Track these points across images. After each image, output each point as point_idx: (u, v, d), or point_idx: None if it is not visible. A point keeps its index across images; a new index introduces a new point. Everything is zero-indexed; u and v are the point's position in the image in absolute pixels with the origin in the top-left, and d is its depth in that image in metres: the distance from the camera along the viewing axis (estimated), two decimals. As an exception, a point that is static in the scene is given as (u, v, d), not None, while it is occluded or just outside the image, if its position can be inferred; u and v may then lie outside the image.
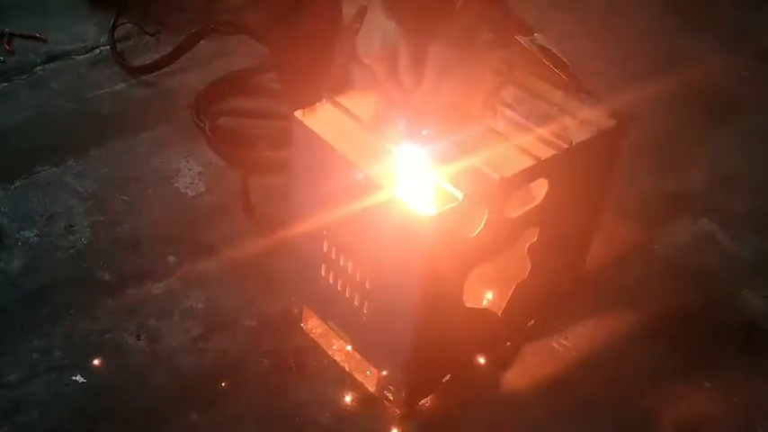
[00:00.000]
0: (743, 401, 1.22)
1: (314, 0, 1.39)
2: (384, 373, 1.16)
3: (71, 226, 1.41)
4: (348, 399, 1.18)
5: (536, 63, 1.23)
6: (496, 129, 1.17)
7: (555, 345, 1.28)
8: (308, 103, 1.12)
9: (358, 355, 1.20)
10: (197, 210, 1.47)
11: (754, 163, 1.70)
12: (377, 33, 1.05)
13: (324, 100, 1.13)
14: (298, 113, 1.11)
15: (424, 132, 1.10)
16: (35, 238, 1.38)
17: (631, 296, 1.36)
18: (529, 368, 1.24)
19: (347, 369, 1.21)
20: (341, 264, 1.14)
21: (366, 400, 1.18)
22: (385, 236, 1.05)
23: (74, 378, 1.18)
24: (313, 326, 1.26)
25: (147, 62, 1.80)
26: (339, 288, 1.16)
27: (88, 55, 1.86)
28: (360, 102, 1.15)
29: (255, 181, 1.48)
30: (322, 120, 1.11)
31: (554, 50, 1.24)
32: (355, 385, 1.19)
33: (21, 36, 1.87)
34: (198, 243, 1.40)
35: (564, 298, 1.31)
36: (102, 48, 1.87)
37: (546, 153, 1.10)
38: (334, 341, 1.24)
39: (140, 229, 1.42)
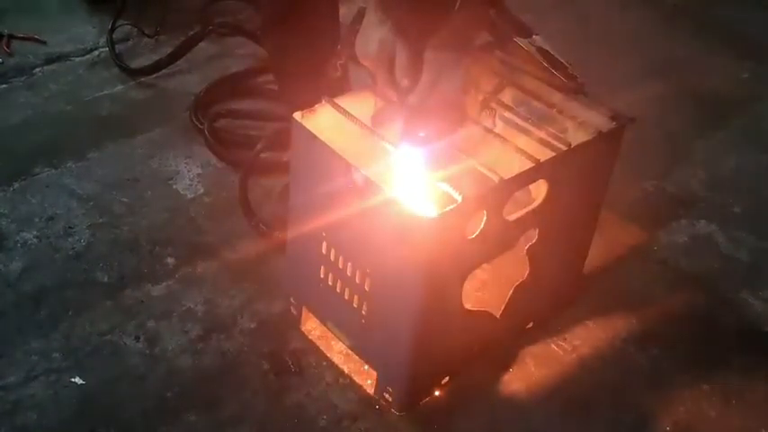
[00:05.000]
0: (741, 403, 1.22)
1: (312, 2, 1.39)
2: (383, 374, 1.16)
3: (70, 227, 1.41)
4: (347, 400, 1.18)
5: (535, 65, 1.23)
6: (495, 130, 1.17)
7: (554, 346, 1.28)
8: (307, 104, 1.12)
9: (357, 357, 1.20)
10: (196, 211, 1.47)
11: (752, 165, 1.70)
12: (374, 35, 1.05)
13: (323, 101, 1.13)
14: (297, 115, 1.11)
15: (421, 134, 1.10)
16: (34, 240, 1.38)
17: (630, 298, 1.36)
18: (528, 370, 1.24)
19: (346, 371, 1.21)
20: (340, 265, 1.14)
21: (365, 401, 1.18)
22: (384, 237, 1.05)
23: (72, 380, 1.17)
24: (312, 327, 1.26)
25: (145, 64, 1.80)
26: (338, 289, 1.16)
27: (87, 57, 1.86)
28: (358, 103, 1.15)
29: (254, 182, 1.48)
30: (321, 121, 1.12)
31: (553, 52, 1.24)
32: (354, 386, 1.19)
33: (19, 38, 1.87)
34: (197, 244, 1.40)
35: (563, 300, 1.32)
36: (100, 49, 1.87)
37: (545, 155, 1.10)
38: (332, 342, 1.24)
39: (139, 230, 1.42)
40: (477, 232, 1.05)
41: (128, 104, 1.73)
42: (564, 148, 1.12)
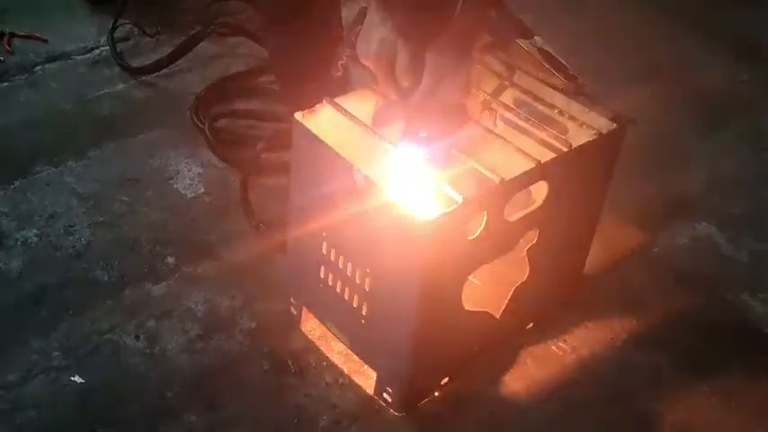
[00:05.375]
0: (741, 405, 1.22)
1: (313, 2, 1.39)
2: (382, 374, 1.16)
3: (70, 226, 1.41)
4: (346, 400, 1.18)
5: (536, 66, 1.23)
6: (496, 131, 1.17)
7: (554, 348, 1.28)
8: (308, 104, 1.12)
9: (356, 357, 1.20)
10: (196, 211, 1.47)
11: (752, 166, 1.70)
12: (375, 35, 1.05)
13: (323, 102, 1.13)
14: (297, 115, 1.11)
15: (422, 134, 1.10)
16: (34, 239, 1.38)
17: (630, 299, 1.36)
18: (527, 370, 1.24)
19: (346, 371, 1.21)
20: (340, 265, 1.14)
21: (364, 401, 1.18)
22: (384, 238, 1.05)
23: (72, 378, 1.17)
24: (312, 327, 1.26)
25: (146, 63, 1.80)
26: (338, 290, 1.16)
27: (88, 55, 1.86)
28: (359, 103, 1.15)
29: (255, 182, 1.48)
30: (322, 121, 1.12)
31: (554, 53, 1.24)
32: (354, 387, 1.19)
33: (21, 36, 1.87)
34: (197, 244, 1.40)
35: (563, 301, 1.32)
36: (101, 48, 1.87)
37: (546, 156, 1.10)
38: (332, 343, 1.24)
39: (139, 229, 1.42)
40: (478, 233, 1.05)
41: (129, 103, 1.73)
42: (565, 149, 1.12)
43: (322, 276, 1.18)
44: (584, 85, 1.22)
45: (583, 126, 1.17)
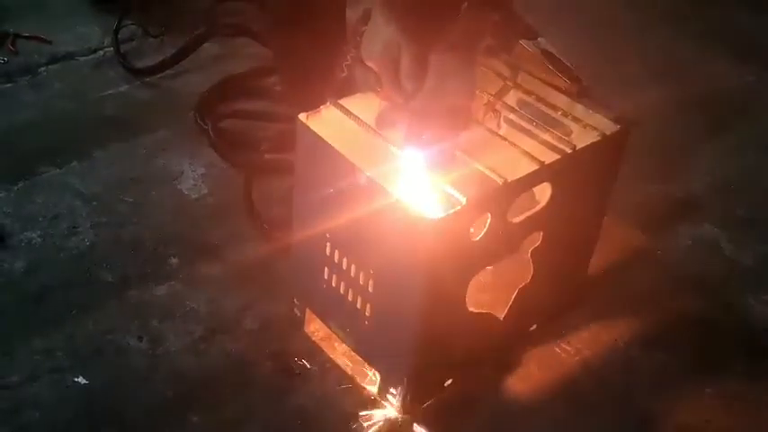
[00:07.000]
0: (743, 407, 1.22)
1: (318, 3, 1.39)
2: (386, 376, 1.16)
3: (74, 227, 1.41)
4: (350, 402, 1.17)
5: (540, 67, 1.23)
6: (500, 133, 1.17)
7: (557, 349, 1.28)
8: (312, 105, 1.12)
9: (360, 358, 1.20)
10: (200, 212, 1.47)
11: (757, 168, 1.70)
12: (379, 37, 1.05)
13: (328, 103, 1.13)
14: (302, 116, 1.11)
15: (424, 136, 1.10)
16: (38, 239, 1.38)
17: (634, 301, 1.36)
18: (531, 373, 1.24)
19: (349, 372, 1.21)
20: (344, 267, 1.14)
21: (368, 403, 1.18)
22: (388, 239, 1.05)
23: (75, 379, 1.18)
24: (315, 328, 1.26)
25: (150, 64, 1.81)
26: (342, 291, 1.16)
27: (92, 56, 1.86)
28: (363, 105, 1.15)
29: (258, 183, 1.48)
30: (326, 123, 1.12)
31: (558, 55, 1.24)
32: (357, 388, 1.19)
33: (25, 37, 1.87)
34: (200, 245, 1.40)
35: (566, 303, 1.31)
36: (105, 49, 1.87)
37: (549, 157, 1.10)
38: (336, 344, 1.24)
39: (143, 230, 1.42)
40: (482, 234, 1.05)
41: (132, 104, 1.73)
42: (568, 150, 1.12)
43: (326, 278, 1.18)
44: (588, 87, 1.22)
45: (586, 127, 1.17)
